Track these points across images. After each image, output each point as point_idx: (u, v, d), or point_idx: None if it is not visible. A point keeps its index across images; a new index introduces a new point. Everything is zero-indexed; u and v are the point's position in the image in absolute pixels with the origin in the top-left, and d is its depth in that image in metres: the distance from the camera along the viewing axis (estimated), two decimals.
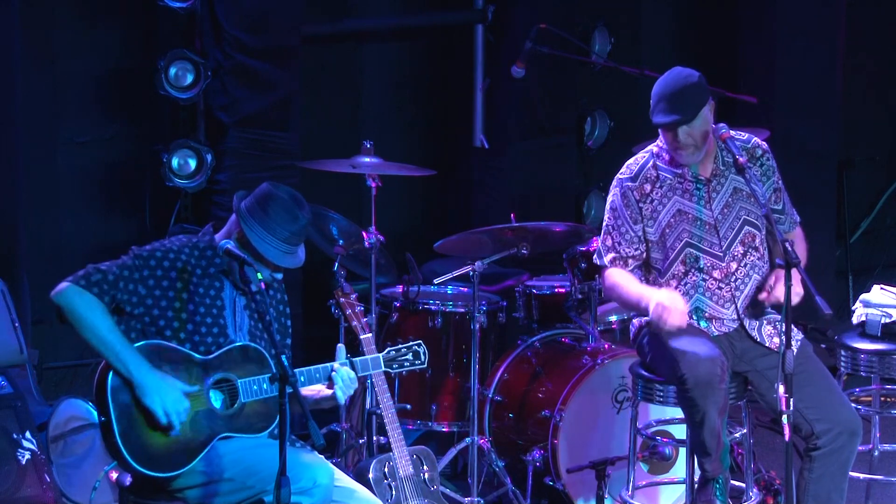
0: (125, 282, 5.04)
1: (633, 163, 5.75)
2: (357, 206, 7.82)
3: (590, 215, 8.61)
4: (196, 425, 5.02)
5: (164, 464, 4.98)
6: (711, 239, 5.66)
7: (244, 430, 5.09)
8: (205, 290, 5.13)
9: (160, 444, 4.98)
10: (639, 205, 5.67)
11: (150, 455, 4.97)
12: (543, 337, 6.89)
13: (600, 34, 8.49)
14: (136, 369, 4.95)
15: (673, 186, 5.67)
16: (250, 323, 5.20)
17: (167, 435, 4.97)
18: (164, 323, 5.07)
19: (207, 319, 5.11)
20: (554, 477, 6.48)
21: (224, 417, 5.07)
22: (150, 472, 4.96)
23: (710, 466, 5.54)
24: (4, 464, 6.14)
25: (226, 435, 5.06)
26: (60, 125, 7.42)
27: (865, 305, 6.35)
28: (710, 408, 5.44)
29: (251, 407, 5.10)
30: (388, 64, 8.42)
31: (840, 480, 5.58)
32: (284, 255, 5.16)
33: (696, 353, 5.47)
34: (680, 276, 5.68)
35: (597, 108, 8.63)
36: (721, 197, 5.67)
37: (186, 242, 5.18)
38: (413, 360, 5.48)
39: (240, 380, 5.08)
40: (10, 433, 6.19)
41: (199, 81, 7.18)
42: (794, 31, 8.74)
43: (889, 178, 9.79)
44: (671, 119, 5.54)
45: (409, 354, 5.49)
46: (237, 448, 5.07)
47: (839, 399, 5.59)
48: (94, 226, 7.47)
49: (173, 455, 4.99)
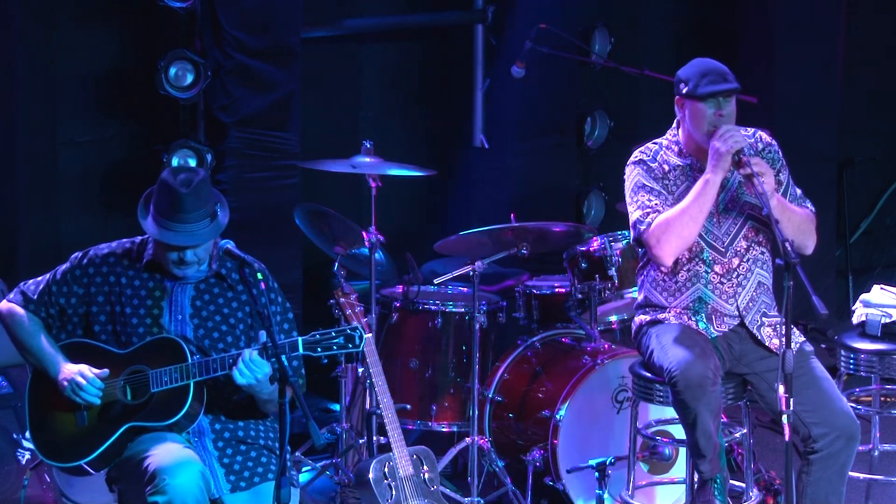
0: (58, 286, 5.22)
1: (646, 149, 5.77)
2: (357, 206, 7.83)
3: (590, 215, 8.61)
4: (105, 415, 5.11)
5: (68, 453, 5.13)
6: (716, 232, 5.67)
7: (150, 418, 5.11)
8: (140, 284, 5.18)
9: (67, 434, 5.12)
10: (662, 181, 5.68)
11: (54, 445, 5.13)
12: (543, 337, 6.89)
13: (600, 34, 8.49)
14: (52, 367, 5.15)
15: (685, 174, 5.69)
16: (191, 312, 5.22)
17: (75, 425, 5.11)
18: (92, 320, 5.20)
19: (140, 311, 5.18)
20: (554, 477, 6.48)
21: (132, 407, 5.12)
22: (53, 462, 5.16)
23: (705, 467, 5.55)
24: (4, 464, 6.14)
25: (134, 424, 5.09)
26: (60, 125, 7.42)
27: (865, 305, 6.36)
28: (701, 409, 5.45)
29: (161, 396, 5.11)
30: (388, 64, 8.42)
31: (838, 484, 5.58)
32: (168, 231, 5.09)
33: (687, 355, 5.48)
34: (683, 262, 5.69)
35: (597, 108, 8.63)
36: (726, 191, 5.69)
37: (118, 243, 5.28)
38: (344, 344, 5.05)
39: (150, 371, 5.11)
40: (10, 433, 6.19)
41: (199, 81, 7.17)
42: (794, 32, 8.74)
43: (889, 178, 9.79)
44: (727, 87, 5.63)
45: (339, 338, 5.07)
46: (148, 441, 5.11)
47: (838, 403, 5.59)
48: (94, 226, 7.46)
49: (77, 444, 5.11)
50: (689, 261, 5.68)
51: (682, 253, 5.63)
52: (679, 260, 5.67)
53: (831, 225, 9.12)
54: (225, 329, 5.22)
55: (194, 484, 4.91)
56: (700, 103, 5.63)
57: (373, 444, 6.60)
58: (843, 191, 9.34)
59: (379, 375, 5.87)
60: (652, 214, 5.61)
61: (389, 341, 6.88)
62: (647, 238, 5.61)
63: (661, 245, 5.57)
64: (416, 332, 6.85)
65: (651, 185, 5.67)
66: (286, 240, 7.40)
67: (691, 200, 5.54)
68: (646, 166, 5.71)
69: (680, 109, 5.72)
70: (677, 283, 5.72)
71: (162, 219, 5.07)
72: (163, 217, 5.07)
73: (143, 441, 5.09)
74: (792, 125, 8.69)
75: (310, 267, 7.67)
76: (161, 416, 5.08)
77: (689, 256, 5.68)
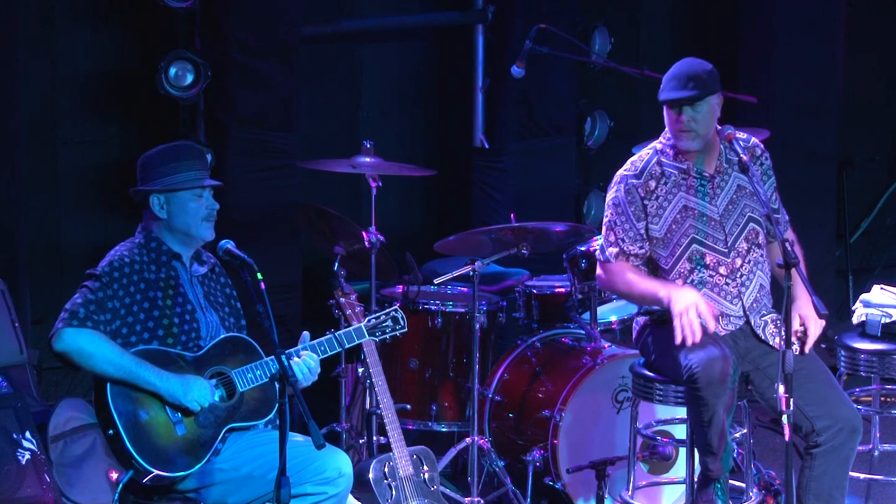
0: (100, 304, 5.07)
1: (638, 159, 5.75)
2: (357, 206, 7.82)
3: (590, 215, 8.61)
4: (201, 421, 5.07)
5: (180, 462, 5.02)
6: (717, 235, 5.67)
7: (248, 418, 5.14)
8: (164, 283, 5.18)
9: (170, 444, 5.02)
10: (643, 202, 5.67)
11: (164, 457, 5.00)
12: (543, 337, 6.89)
13: (600, 34, 8.49)
14: (157, 380, 5.01)
15: (678, 182, 5.68)
16: (207, 304, 5.26)
17: (175, 435, 5.01)
18: (140, 328, 5.12)
19: (177, 310, 5.18)
20: (554, 477, 6.48)
21: (227, 409, 5.11)
22: (169, 472, 4.99)
23: (714, 466, 5.54)
24: (4, 464, 6.13)
25: (232, 426, 5.10)
26: (60, 125, 7.42)
27: (865, 305, 6.36)
28: (719, 407, 5.44)
29: (250, 395, 5.15)
30: (388, 64, 8.42)
31: (841, 478, 5.57)
32: (200, 177, 5.19)
33: (709, 352, 5.46)
34: (685, 273, 5.67)
35: (597, 108, 8.63)
36: (725, 193, 5.68)
37: (128, 245, 5.23)
38: (394, 326, 5.55)
39: (233, 371, 5.12)
40: (10, 433, 6.19)
41: (199, 81, 7.17)
42: (794, 32, 8.73)
43: (889, 178, 9.79)
44: (678, 95, 5.57)
45: (388, 321, 5.55)
46: (254, 443, 5.13)
47: (839, 396, 5.59)
48: (94, 226, 7.47)
49: (186, 453, 5.03)
50: (690, 272, 5.67)
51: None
52: (681, 272, 5.67)
53: (831, 225, 9.12)
54: (233, 320, 5.32)
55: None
56: (666, 108, 5.64)
57: (373, 444, 6.60)
58: (843, 191, 9.34)
59: (379, 375, 5.87)
60: (612, 250, 5.70)
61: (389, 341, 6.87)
62: (600, 270, 5.80)
63: (605, 286, 5.94)
64: (416, 332, 6.84)
65: (625, 217, 5.69)
66: (286, 240, 7.41)
67: (636, 292, 5.69)
68: (627, 185, 5.70)
69: None
70: None
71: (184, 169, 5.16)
72: (185, 168, 5.16)
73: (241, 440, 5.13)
74: (792, 125, 8.69)
75: (310, 267, 7.67)
76: (257, 415, 5.14)
77: (689, 268, 5.67)
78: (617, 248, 5.71)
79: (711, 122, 5.62)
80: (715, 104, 5.61)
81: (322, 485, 5.04)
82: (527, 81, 7.62)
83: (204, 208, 5.20)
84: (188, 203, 5.18)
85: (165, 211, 5.19)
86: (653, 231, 5.68)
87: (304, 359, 5.20)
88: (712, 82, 5.60)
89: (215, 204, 5.25)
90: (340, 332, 5.40)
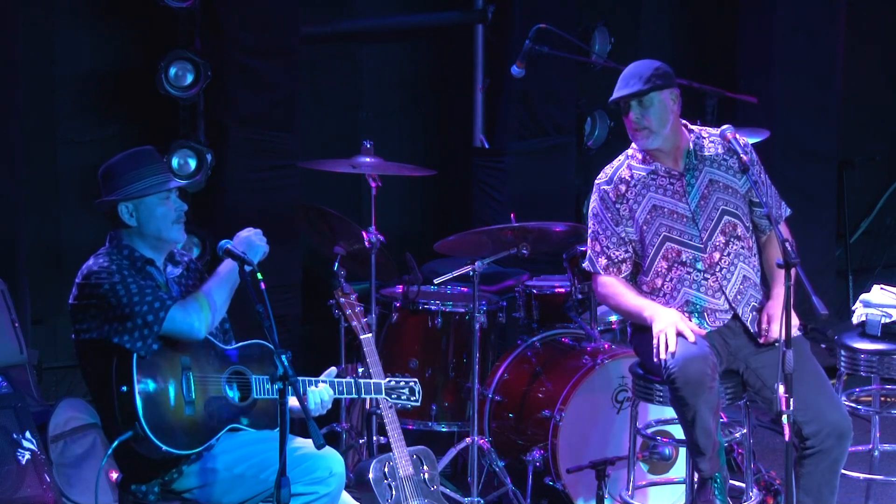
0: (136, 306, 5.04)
1: (609, 167, 5.84)
2: (357, 206, 7.82)
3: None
4: (212, 408, 5.09)
5: (179, 440, 5.02)
6: (691, 231, 5.68)
7: (253, 425, 5.16)
8: (151, 288, 5.15)
9: (176, 420, 5.02)
10: (616, 206, 5.72)
11: (166, 429, 4.99)
12: (543, 337, 6.89)
13: (600, 34, 8.49)
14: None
15: (646, 183, 5.71)
16: None
17: (183, 413, 5.02)
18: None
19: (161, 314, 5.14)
20: (554, 477, 6.48)
21: (238, 408, 5.14)
22: (165, 446, 4.98)
23: (705, 465, 5.55)
24: (4, 464, 6.13)
25: (236, 426, 5.12)
26: (60, 125, 7.42)
27: (865, 305, 6.35)
28: (701, 406, 5.45)
29: (262, 404, 5.18)
30: (388, 64, 8.42)
31: (830, 477, 5.59)
32: (165, 181, 5.19)
33: (686, 352, 5.48)
34: (663, 272, 5.70)
35: (597, 108, 8.63)
36: (696, 190, 5.70)
37: (103, 255, 5.19)
38: (409, 396, 5.65)
39: (253, 375, 5.16)
40: (10, 433, 6.19)
41: (199, 81, 7.17)
42: (794, 31, 8.73)
43: (889, 178, 9.78)
44: (619, 94, 5.64)
45: (406, 389, 5.64)
46: (245, 442, 5.13)
47: (829, 401, 5.58)
48: (94, 226, 7.44)
49: (187, 434, 5.04)
50: (668, 270, 5.70)
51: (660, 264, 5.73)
52: (659, 271, 5.70)
53: (831, 225, 9.11)
54: None
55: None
56: (622, 112, 5.69)
57: (373, 444, 6.60)
58: (843, 191, 9.33)
59: (379, 375, 5.87)
60: (601, 260, 5.76)
61: (389, 341, 6.88)
62: (594, 282, 5.90)
63: (599, 298, 6.01)
64: (416, 332, 6.85)
65: (605, 224, 5.75)
66: (286, 240, 7.40)
67: (624, 309, 5.78)
68: (601, 192, 5.78)
69: None
70: (665, 295, 5.73)
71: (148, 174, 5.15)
72: (149, 173, 5.15)
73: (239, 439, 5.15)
74: (792, 125, 8.68)
75: (310, 267, 7.67)
76: (262, 426, 5.16)
77: (666, 266, 5.70)
78: (604, 257, 5.76)
79: (665, 119, 5.64)
80: (667, 100, 5.63)
81: (313, 484, 5.06)
82: (527, 81, 7.62)
83: (173, 211, 5.21)
84: (157, 208, 5.18)
85: (135, 218, 5.18)
86: (629, 234, 5.72)
87: (320, 389, 5.26)
88: (659, 78, 5.62)
89: (183, 205, 5.26)
90: (360, 380, 5.50)
